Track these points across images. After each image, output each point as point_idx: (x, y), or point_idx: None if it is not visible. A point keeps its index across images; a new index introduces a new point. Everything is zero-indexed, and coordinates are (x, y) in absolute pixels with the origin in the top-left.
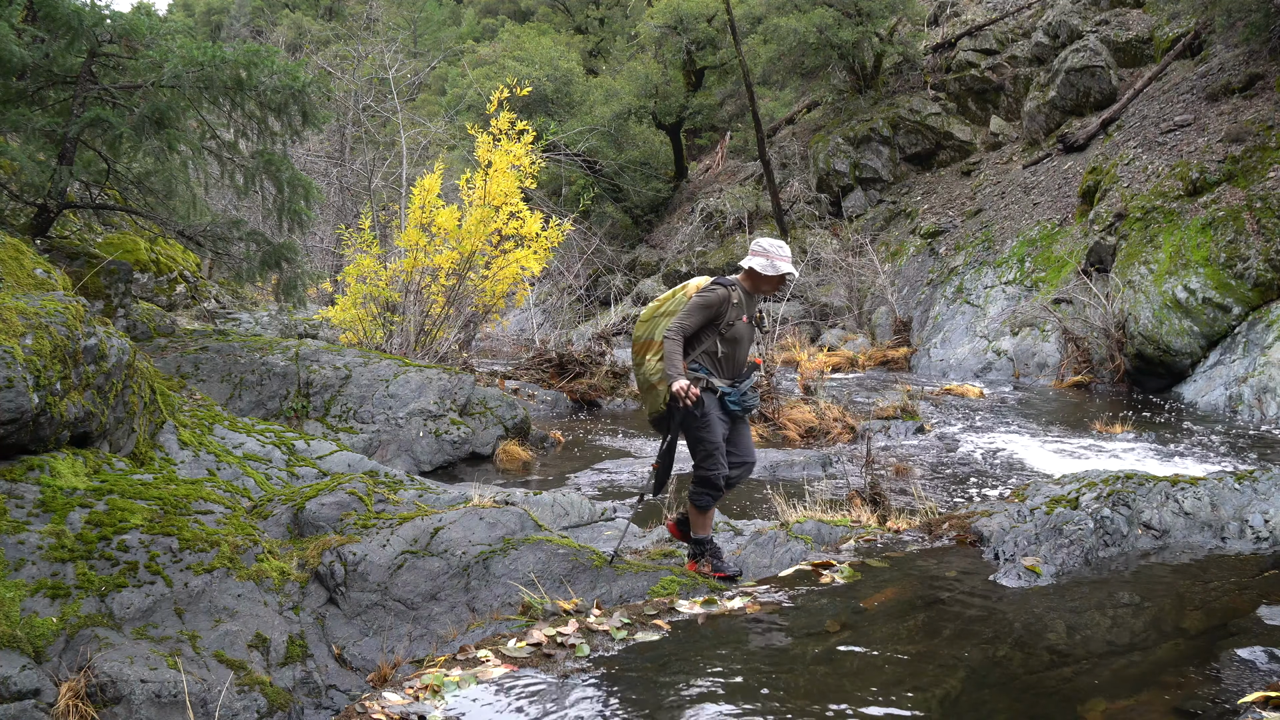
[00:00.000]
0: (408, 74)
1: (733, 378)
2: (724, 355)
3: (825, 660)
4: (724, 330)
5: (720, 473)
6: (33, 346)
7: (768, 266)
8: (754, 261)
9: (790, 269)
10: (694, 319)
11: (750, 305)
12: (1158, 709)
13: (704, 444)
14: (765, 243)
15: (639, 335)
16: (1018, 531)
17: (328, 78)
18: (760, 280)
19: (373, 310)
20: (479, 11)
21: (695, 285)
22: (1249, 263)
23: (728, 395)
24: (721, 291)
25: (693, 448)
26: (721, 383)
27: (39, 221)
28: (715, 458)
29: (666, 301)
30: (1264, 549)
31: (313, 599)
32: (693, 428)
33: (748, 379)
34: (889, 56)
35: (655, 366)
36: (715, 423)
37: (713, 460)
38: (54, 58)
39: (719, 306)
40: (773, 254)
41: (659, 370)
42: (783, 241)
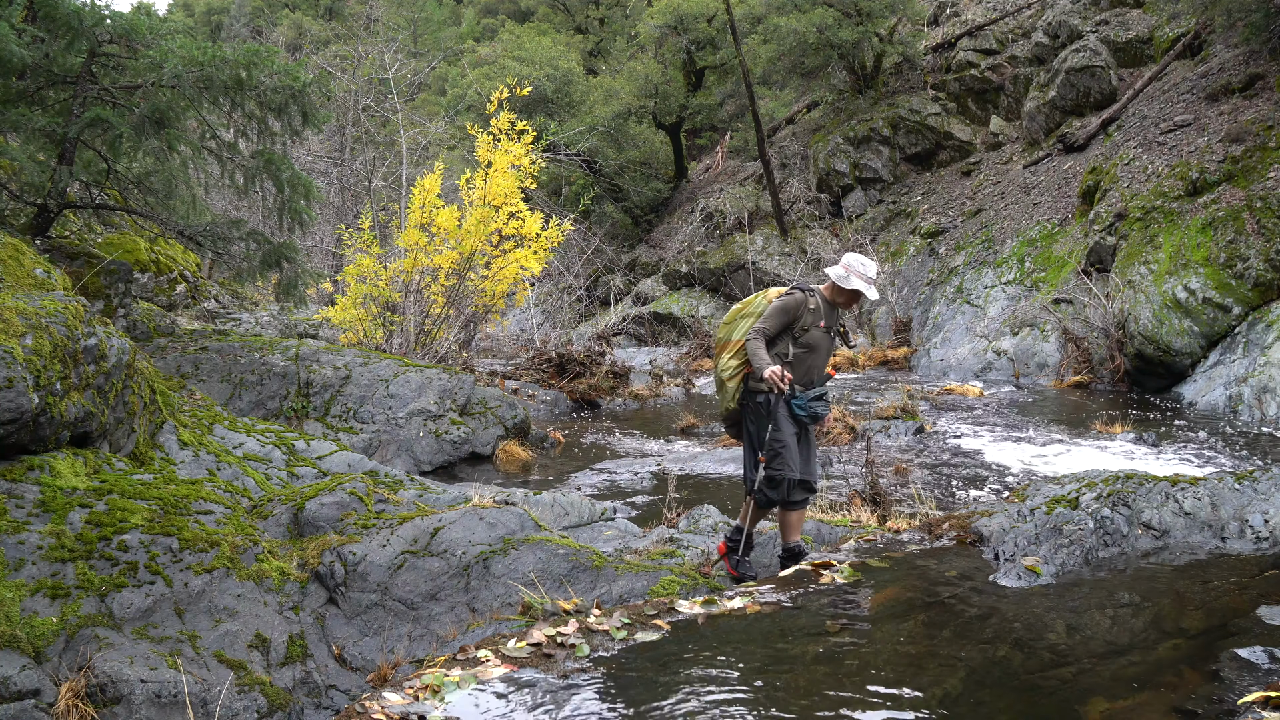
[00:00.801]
0: (408, 74)
1: (804, 385)
2: (796, 359)
3: (825, 660)
4: (798, 335)
5: (787, 474)
6: (33, 346)
7: (843, 279)
8: (833, 271)
9: (861, 287)
10: (773, 322)
11: (829, 315)
12: (1158, 709)
13: (772, 443)
14: (852, 258)
15: (720, 337)
16: (1018, 531)
17: (328, 78)
18: (838, 292)
19: (373, 310)
20: (479, 11)
21: (776, 291)
22: (1249, 263)
23: (794, 400)
24: (799, 296)
25: (762, 447)
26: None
27: (39, 221)
28: (783, 456)
29: (748, 305)
30: (1264, 549)
31: (313, 599)
32: (763, 427)
33: (818, 387)
34: (889, 56)
35: (728, 364)
36: (785, 422)
37: (780, 460)
38: (54, 58)
39: (796, 310)
40: (853, 268)
41: (732, 368)
42: (871, 261)
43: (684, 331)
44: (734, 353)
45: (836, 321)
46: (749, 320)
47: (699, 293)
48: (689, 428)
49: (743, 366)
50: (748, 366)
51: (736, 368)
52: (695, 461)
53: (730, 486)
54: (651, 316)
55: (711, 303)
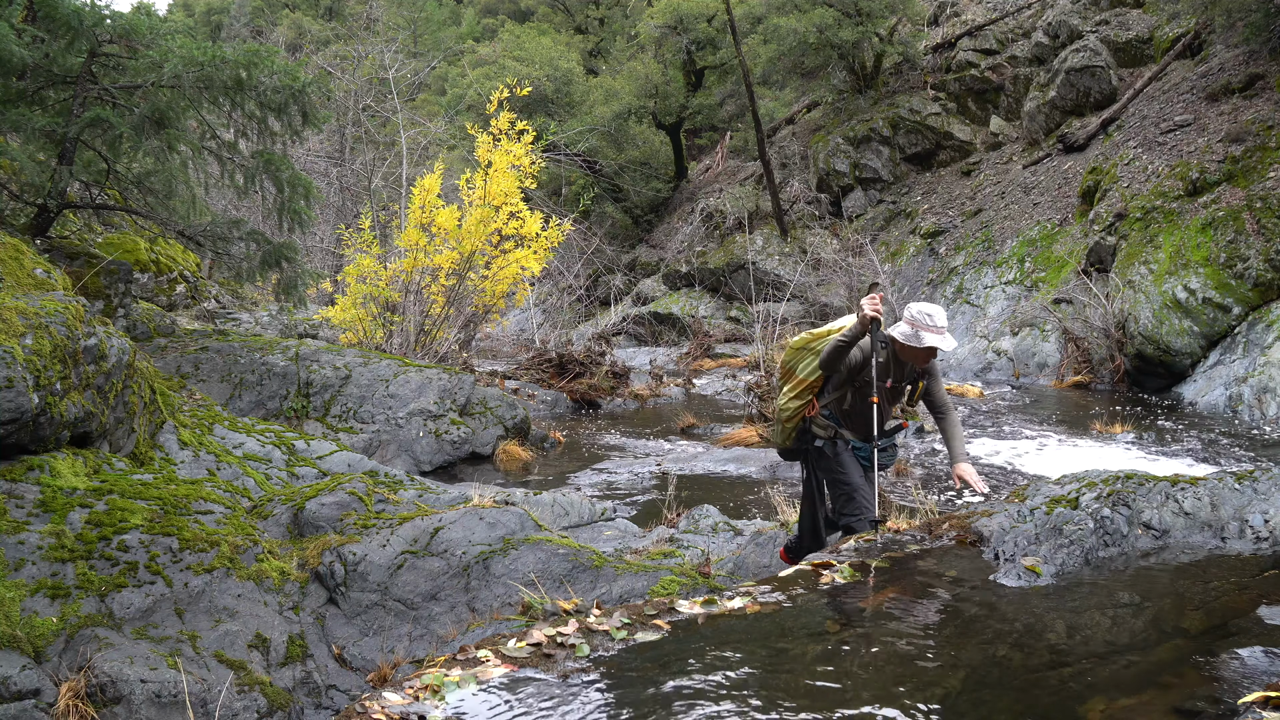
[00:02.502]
0: (408, 74)
1: (864, 437)
2: (850, 410)
3: (825, 660)
4: (857, 384)
5: (865, 517)
6: (33, 346)
7: (910, 337)
8: (897, 331)
9: (938, 341)
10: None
11: (898, 370)
12: (1158, 709)
13: (839, 486)
14: (916, 309)
15: (784, 361)
16: (1018, 531)
17: (328, 78)
18: (906, 350)
19: (373, 310)
20: (479, 11)
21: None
22: (1249, 263)
23: (858, 450)
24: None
25: (831, 491)
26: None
27: (39, 221)
28: (856, 500)
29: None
30: (1264, 549)
31: (313, 599)
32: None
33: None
34: (889, 56)
35: (789, 404)
36: (850, 463)
37: (854, 504)
38: (54, 58)
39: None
40: (919, 323)
41: (792, 409)
42: (939, 309)
43: (684, 331)
44: (797, 392)
45: (904, 379)
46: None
47: (699, 293)
48: (689, 428)
49: (803, 409)
50: (808, 408)
51: (796, 410)
52: (695, 461)
53: (730, 486)
54: (651, 316)
55: (711, 303)
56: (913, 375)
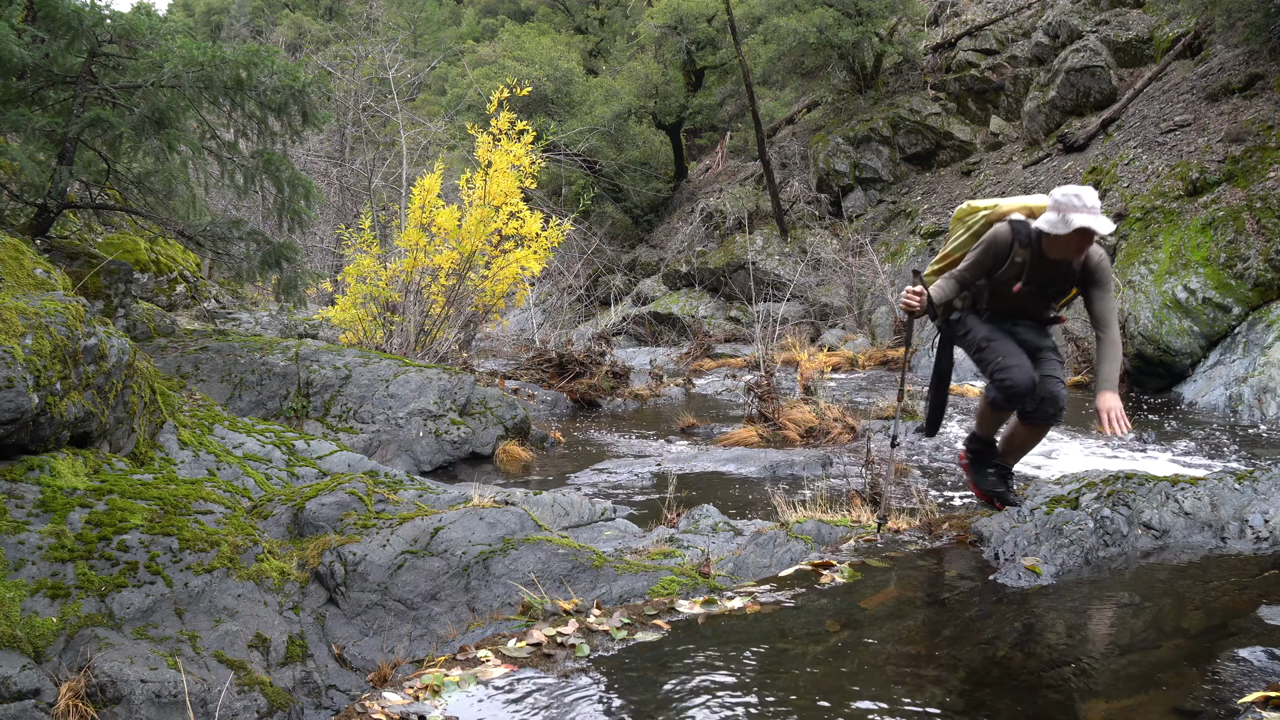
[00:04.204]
0: (408, 74)
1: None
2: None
3: (825, 660)
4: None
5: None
6: (33, 346)
7: (1058, 223)
8: (1043, 220)
9: (1089, 221)
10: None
11: (1043, 270)
12: (1158, 709)
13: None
14: (1061, 191)
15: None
16: (1018, 531)
17: (328, 78)
18: (1055, 242)
19: (373, 310)
20: (479, 11)
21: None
22: (1249, 263)
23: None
24: (1003, 234)
25: (973, 358)
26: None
27: (39, 221)
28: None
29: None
30: (1264, 549)
31: (313, 599)
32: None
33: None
34: (889, 56)
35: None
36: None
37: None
38: (54, 58)
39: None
40: (1064, 205)
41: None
42: (1088, 189)
43: (684, 331)
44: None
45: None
46: (964, 234)
47: (699, 293)
48: (689, 428)
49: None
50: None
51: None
52: (695, 461)
53: (730, 486)
54: (651, 316)
55: (711, 303)
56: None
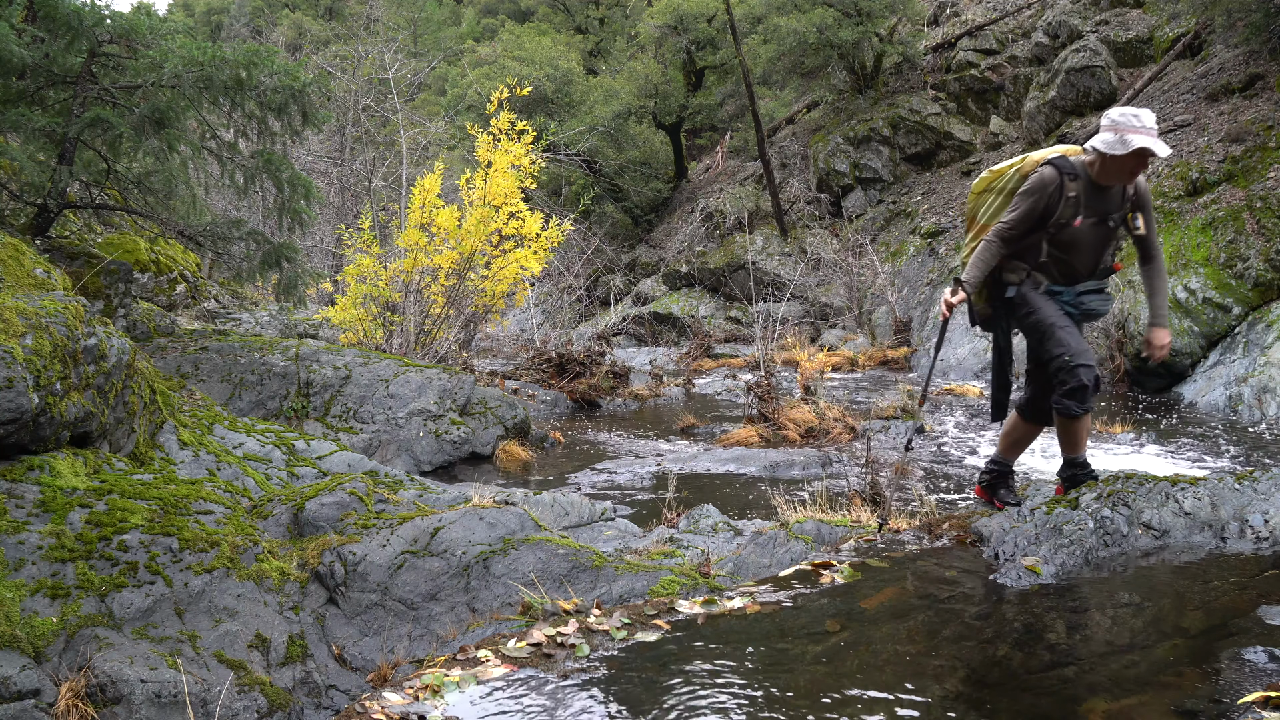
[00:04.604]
0: (408, 74)
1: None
2: (1050, 259)
3: (825, 660)
4: (1052, 230)
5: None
6: (33, 346)
7: (1115, 143)
8: (1098, 140)
9: (1147, 143)
10: (1016, 216)
11: (1099, 200)
12: (1158, 709)
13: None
14: (1116, 112)
15: (968, 209)
16: (1018, 531)
17: (328, 78)
18: (1112, 164)
19: (373, 310)
20: (479, 11)
21: (1035, 160)
22: (1249, 263)
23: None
24: (1049, 176)
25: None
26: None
27: (39, 221)
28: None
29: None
30: (1264, 549)
31: (313, 599)
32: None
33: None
34: (889, 56)
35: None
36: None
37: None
38: (54, 58)
39: (1044, 199)
40: (1122, 125)
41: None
42: (1146, 110)
43: (684, 331)
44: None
45: (1117, 206)
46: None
47: (699, 293)
48: (689, 428)
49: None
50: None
51: None
52: (695, 461)
53: (730, 486)
54: (651, 316)
55: (711, 303)
56: (1121, 204)
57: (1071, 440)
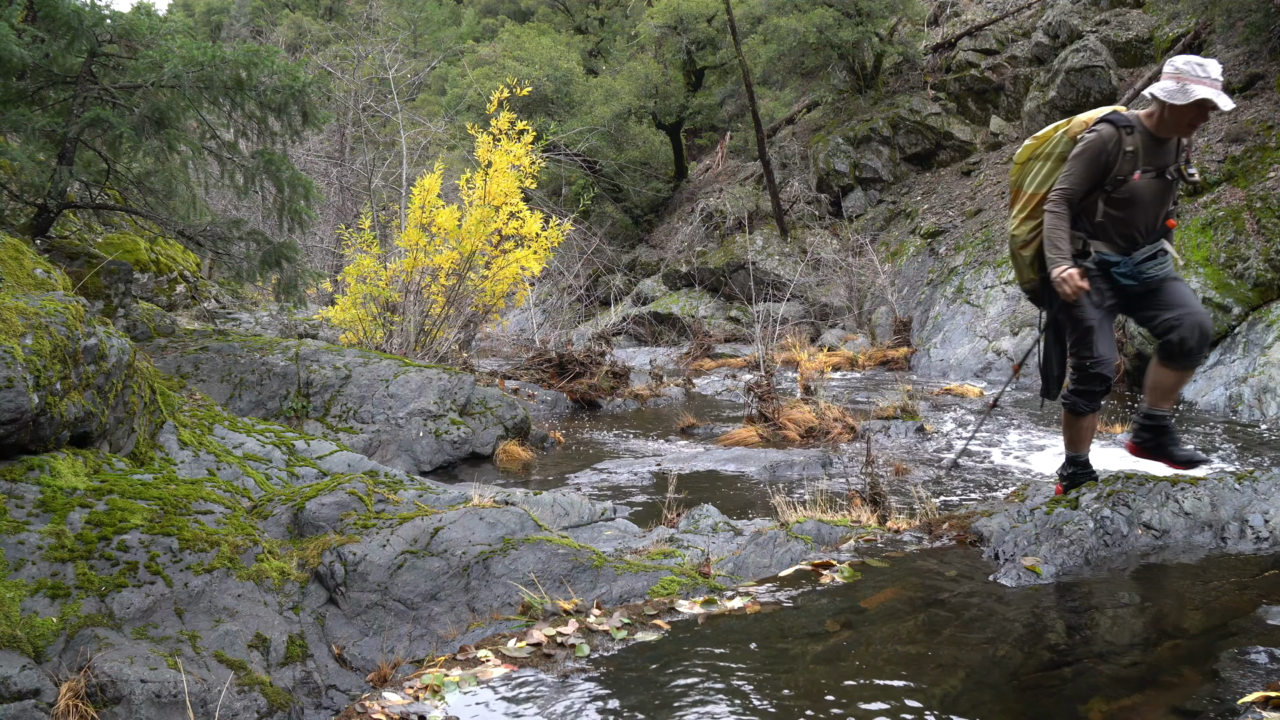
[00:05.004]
0: (408, 74)
1: (1126, 247)
2: (1108, 219)
3: (825, 660)
4: (1109, 188)
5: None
6: (33, 346)
7: (1176, 92)
8: (1159, 88)
9: (1210, 94)
10: (1076, 177)
11: (1158, 153)
12: (1158, 709)
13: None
14: (1180, 60)
15: (1011, 181)
16: (1018, 531)
17: (328, 78)
18: (1171, 115)
19: (373, 310)
20: (479, 11)
21: (1083, 121)
22: (1249, 263)
23: (1115, 268)
24: (1107, 132)
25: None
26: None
27: (39, 221)
28: (1090, 341)
29: (1044, 141)
30: (1264, 549)
31: (313, 599)
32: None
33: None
34: (889, 56)
35: (1020, 228)
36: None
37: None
38: (54, 58)
39: (1105, 155)
40: (1186, 74)
41: (1025, 233)
42: (1209, 60)
43: (684, 331)
44: (1028, 211)
45: (1173, 159)
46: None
47: (699, 293)
48: (689, 428)
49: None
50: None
51: (1031, 232)
52: (695, 461)
53: (730, 486)
54: (651, 316)
55: (711, 303)
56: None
57: (1074, 437)
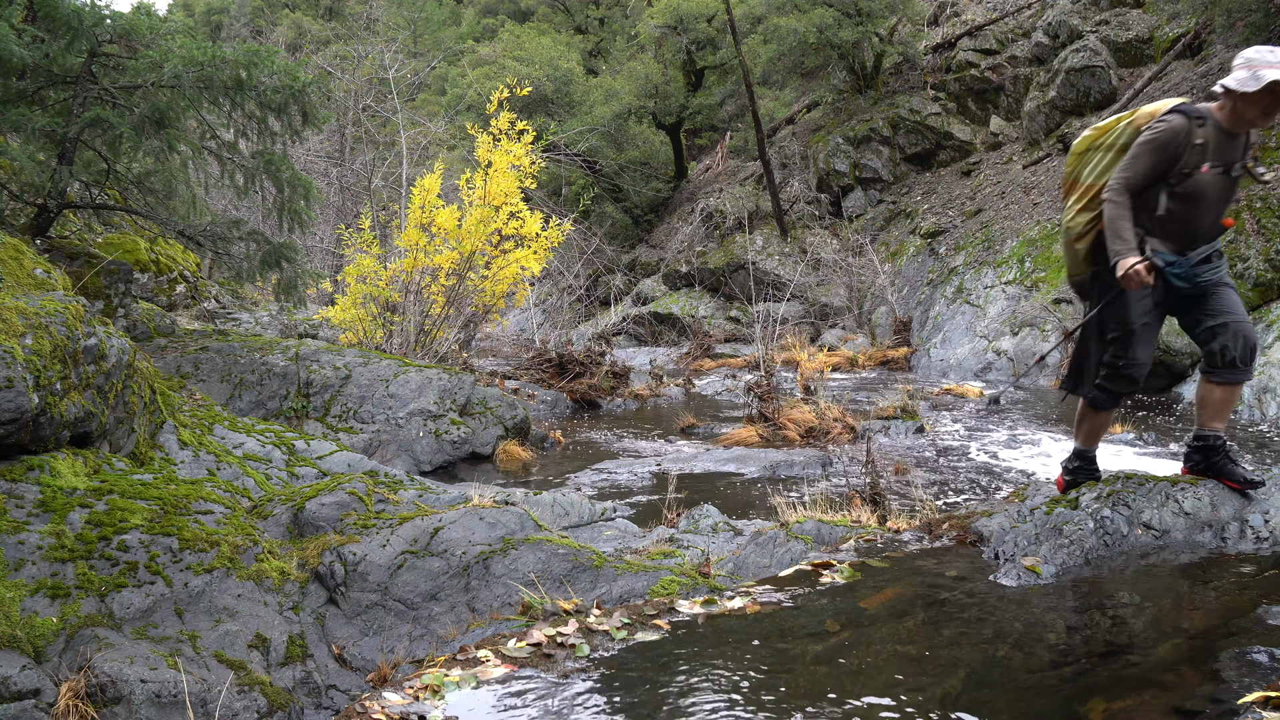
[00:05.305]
0: (408, 74)
1: (1183, 245)
2: (1169, 215)
3: (825, 660)
4: (1174, 180)
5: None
6: (33, 346)
7: (1248, 80)
8: (1231, 79)
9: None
10: (1140, 166)
11: (1226, 148)
12: (1158, 709)
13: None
14: (1251, 51)
15: (1067, 172)
16: (1018, 531)
17: (328, 78)
18: (1244, 104)
19: (373, 310)
20: (479, 11)
21: (1150, 112)
22: (1249, 263)
23: (1169, 268)
24: (1178, 122)
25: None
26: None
27: (39, 221)
28: (1124, 341)
29: (1106, 131)
30: (1264, 549)
31: (313, 599)
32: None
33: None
34: (889, 56)
35: (1077, 219)
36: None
37: (1121, 344)
38: (54, 58)
39: (1171, 146)
40: (1257, 62)
41: (1081, 224)
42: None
43: (684, 331)
44: (1085, 202)
45: (1240, 155)
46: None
47: (699, 293)
48: (689, 428)
49: (1096, 221)
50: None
51: (1088, 224)
52: (695, 461)
53: (730, 486)
54: (651, 316)
55: (711, 303)
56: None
57: (1090, 430)
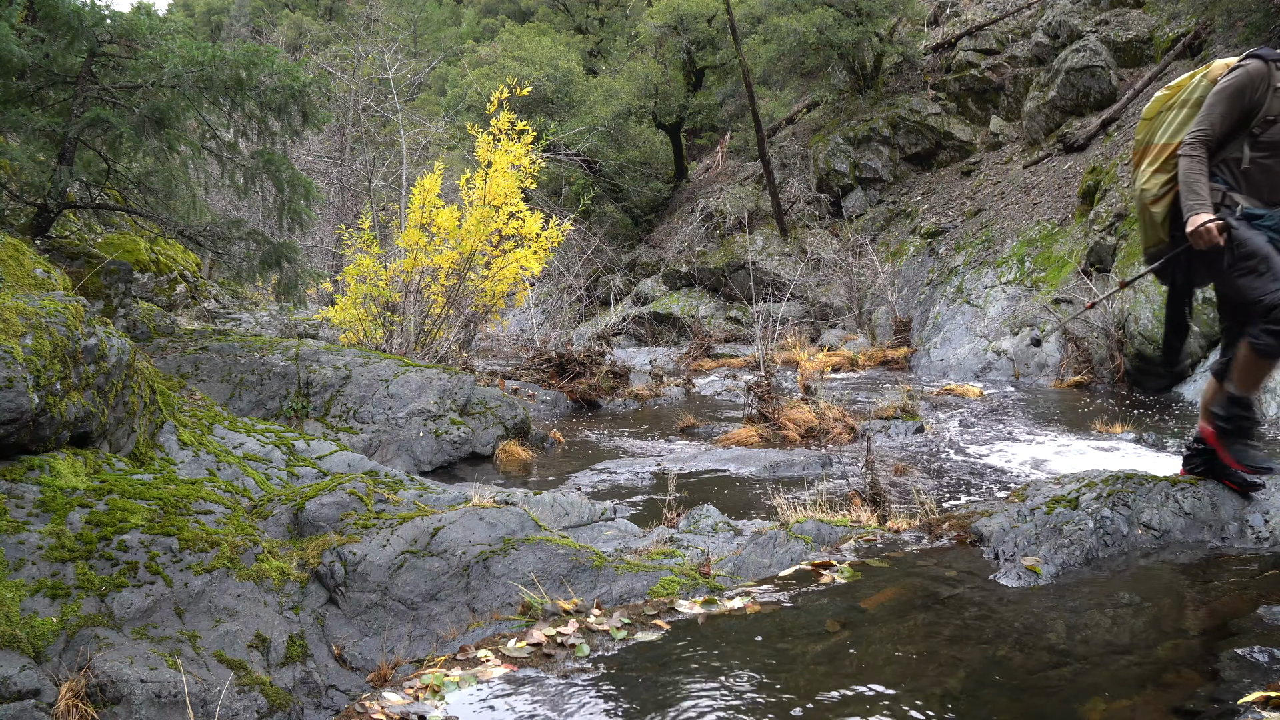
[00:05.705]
0: (408, 74)
1: (1270, 199)
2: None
3: (825, 660)
4: (1258, 129)
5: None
6: (33, 346)
7: None
8: None
9: None
10: (1216, 116)
11: None
12: (1158, 709)
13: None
14: None
15: (1138, 140)
16: (1018, 531)
17: (328, 78)
18: None
19: (373, 310)
20: (479, 11)
21: (1223, 65)
22: None
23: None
24: (1255, 67)
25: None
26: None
27: (39, 221)
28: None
29: (1179, 90)
30: (1264, 549)
31: (313, 599)
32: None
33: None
34: (889, 56)
35: (1151, 181)
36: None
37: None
38: (54, 58)
39: (1254, 93)
40: None
41: (1156, 186)
42: None
43: (684, 331)
44: (1159, 164)
45: None
46: (1180, 113)
47: (699, 293)
48: (689, 428)
49: (1174, 184)
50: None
51: (1164, 186)
52: (695, 461)
53: (730, 486)
54: (651, 316)
55: (711, 303)
56: None
57: (1253, 377)
